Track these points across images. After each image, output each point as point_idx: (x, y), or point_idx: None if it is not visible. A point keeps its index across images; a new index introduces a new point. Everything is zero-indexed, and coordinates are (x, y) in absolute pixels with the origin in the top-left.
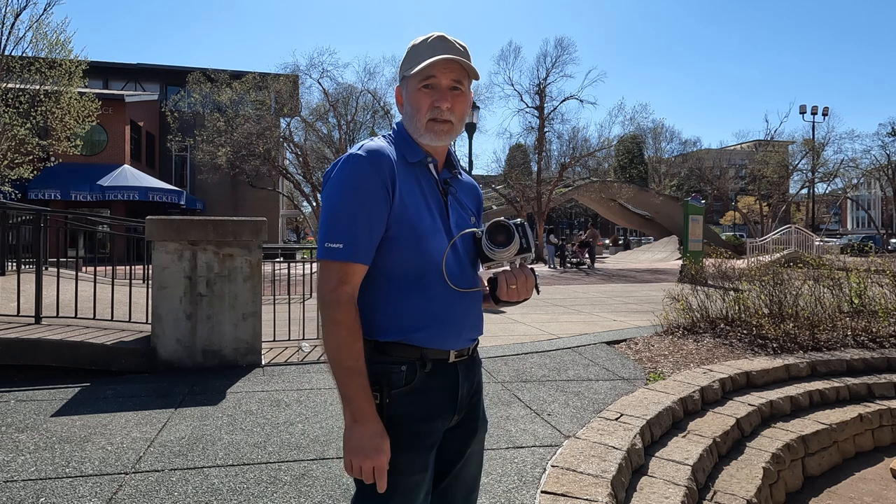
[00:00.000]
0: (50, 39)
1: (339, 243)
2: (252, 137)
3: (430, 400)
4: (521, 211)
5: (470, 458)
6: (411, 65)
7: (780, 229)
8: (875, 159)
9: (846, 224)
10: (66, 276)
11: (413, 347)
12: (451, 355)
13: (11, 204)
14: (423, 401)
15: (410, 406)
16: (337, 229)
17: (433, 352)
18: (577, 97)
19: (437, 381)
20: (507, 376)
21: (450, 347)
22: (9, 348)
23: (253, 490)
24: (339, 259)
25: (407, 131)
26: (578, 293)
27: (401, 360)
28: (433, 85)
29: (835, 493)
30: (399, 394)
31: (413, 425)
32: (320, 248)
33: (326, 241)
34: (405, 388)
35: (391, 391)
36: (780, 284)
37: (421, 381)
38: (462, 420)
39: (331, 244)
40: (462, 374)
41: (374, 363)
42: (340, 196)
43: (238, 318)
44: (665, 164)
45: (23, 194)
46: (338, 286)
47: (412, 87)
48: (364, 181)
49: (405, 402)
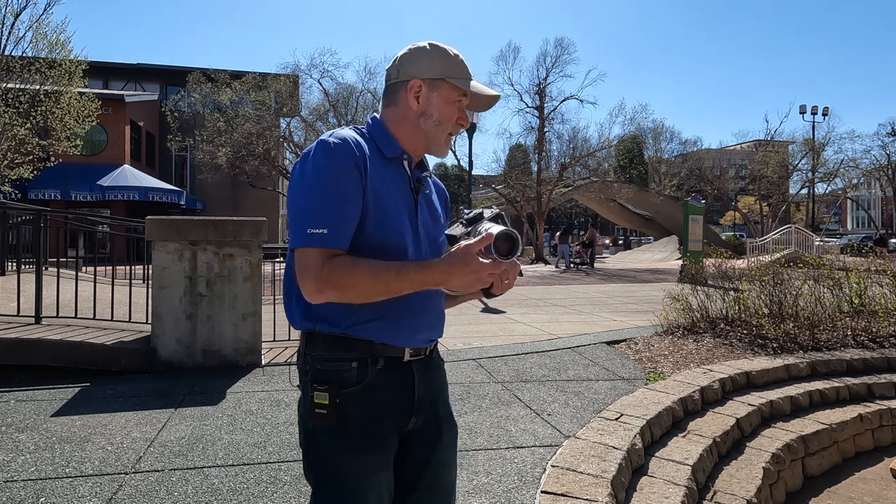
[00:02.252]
0: (50, 39)
1: (322, 228)
2: (252, 137)
3: (385, 400)
4: (521, 211)
5: (442, 465)
6: (452, 72)
7: (780, 229)
8: (875, 159)
9: (846, 224)
10: (66, 276)
11: (363, 341)
12: (405, 353)
13: (11, 204)
14: (377, 400)
15: (364, 405)
16: (318, 215)
17: (385, 348)
18: (577, 97)
19: (391, 380)
20: (507, 376)
21: (403, 344)
22: (9, 348)
23: (253, 490)
24: (323, 245)
25: (389, 128)
26: (578, 293)
27: (350, 355)
28: (463, 104)
29: (835, 493)
30: (351, 393)
31: (367, 426)
32: (299, 234)
33: (308, 228)
34: (357, 386)
35: (342, 390)
36: (780, 284)
37: (374, 378)
38: (423, 424)
39: (313, 230)
40: (418, 375)
41: (323, 360)
42: (319, 182)
43: (238, 318)
44: (665, 164)
45: (23, 194)
46: (323, 268)
47: (446, 96)
48: (342, 166)
49: (358, 401)
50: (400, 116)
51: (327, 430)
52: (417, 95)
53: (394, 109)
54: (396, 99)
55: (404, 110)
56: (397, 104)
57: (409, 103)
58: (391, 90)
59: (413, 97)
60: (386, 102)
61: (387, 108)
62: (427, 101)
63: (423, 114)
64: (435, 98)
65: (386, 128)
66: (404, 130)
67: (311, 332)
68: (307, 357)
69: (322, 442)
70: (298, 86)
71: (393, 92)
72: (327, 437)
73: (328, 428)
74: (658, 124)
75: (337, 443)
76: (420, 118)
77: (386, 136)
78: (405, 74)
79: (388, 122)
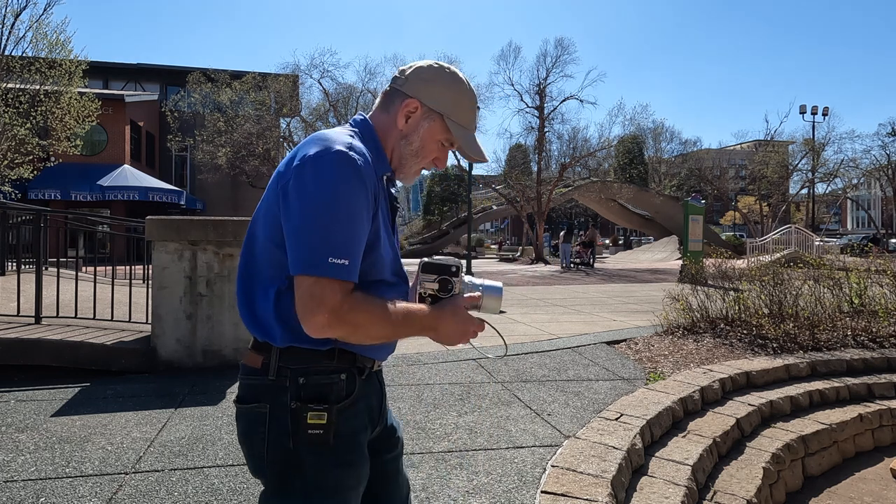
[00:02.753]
0: (50, 39)
1: (344, 259)
2: (252, 137)
3: (365, 411)
4: (521, 210)
5: (400, 471)
6: (455, 115)
7: (780, 229)
8: (875, 159)
9: (846, 224)
10: (66, 276)
11: (349, 354)
12: (375, 363)
13: (11, 204)
14: (360, 412)
15: (352, 419)
16: (343, 243)
17: (364, 359)
18: (577, 97)
19: (368, 389)
20: (507, 376)
21: (380, 359)
22: (9, 348)
23: (253, 490)
24: (346, 279)
25: (382, 142)
26: (578, 293)
27: (341, 367)
28: (447, 148)
29: (835, 493)
30: (342, 408)
31: (355, 437)
32: (318, 260)
33: (330, 256)
34: (347, 401)
35: (335, 406)
36: (780, 284)
37: (359, 389)
38: (381, 432)
39: (335, 259)
40: (382, 382)
41: (309, 373)
42: (345, 205)
43: (238, 318)
44: (665, 164)
45: (23, 194)
46: (342, 304)
47: (435, 131)
48: (363, 192)
49: (347, 415)
50: (387, 127)
51: (314, 449)
52: (408, 116)
53: (385, 117)
54: (390, 107)
55: (393, 122)
56: (389, 113)
57: (398, 119)
58: (392, 95)
59: (403, 115)
60: (382, 105)
61: (381, 111)
62: (415, 126)
63: (405, 136)
64: (424, 128)
65: (377, 138)
66: (388, 143)
67: (303, 349)
68: (285, 371)
69: (307, 461)
70: (298, 86)
71: (391, 96)
72: (314, 457)
73: (317, 447)
74: (658, 124)
75: (325, 460)
76: (402, 139)
77: (379, 151)
78: (410, 89)
79: (379, 130)
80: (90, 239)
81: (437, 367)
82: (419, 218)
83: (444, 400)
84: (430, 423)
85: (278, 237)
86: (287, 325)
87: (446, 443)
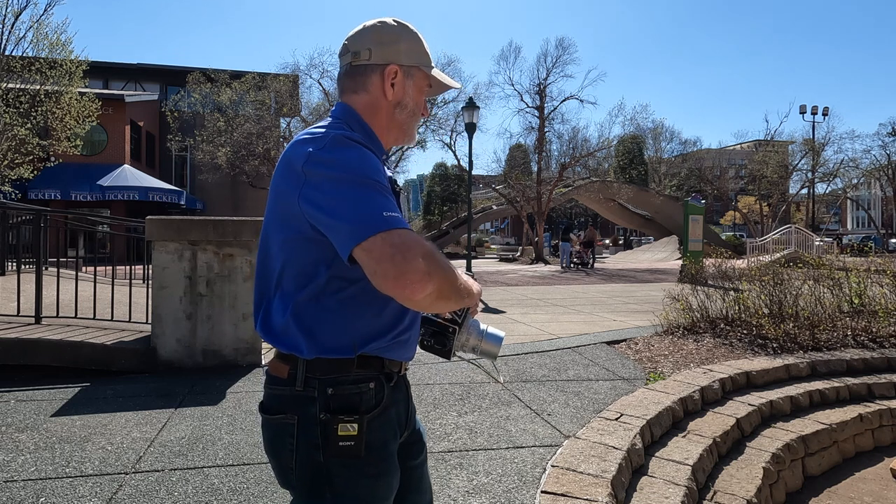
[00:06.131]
0: (50, 39)
1: (395, 213)
2: (252, 137)
3: (394, 417)
4: (521, 210)
5: (424, 476)
6: (424, 60)
7: (780, 229)
8: (875, 159)
9: (846, 224)
10: (66, 276)
11: (376, 359)
12: (402, 367)
13: (11, 204)
14: (390, 420)
15: (382, 428)
16: (382, 204)
17: (391, 363)
18: (577, 97)
19: (397, 396)
20: (507, 376)
21: (407, 359)
22: (9, 348)
23: (253, 490)
24: (407, 227)
25: (370, 125)
26: (578, 293)
27: (369, 374)
28: (427, 93)
29: (835, 493)
30: (372, 417)
31: (386, 447)
32: (373, 219)
33: (385, 211)
34: (376, 410)
35: (365, 416)
36: (780, 284)
37: (388, 397)
38: (408, 437)
39: (390, 213)
40: (408, 385)
41: (337, 383)
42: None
43: (238, 318)
44: (665, 164)
45: (23, 194)
46: (429, 244)
47: (419, 84)
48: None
49: (377, 425)
50: (373, 105)
51: (345, 462)
52: (393, 82)
53: (365, 96)
54: (367, 84)
55: (377, 98)
56: (368, 90)
57: (385, 91)
58: (360, 72)
59: (389, 84)
60: (352, 87)
61: (356, 93)
62: (403, 89)
63: (398, 103)
64: (410, 86)
65: (364, 122)
66: (378, 121)
67: (327, 359)
68: (313, 382)
69: (338, 474)
70: (298, 86)
71: (362, 75)
72: (345, 469)
73: (348, 459)
74: (658, 124)
75: (356, 472)
76: (395, 108)
77: (371, 136)
78: (382, 57)
79: (363, 112)
80: (90, 239)
81: (437, 367)
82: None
83: (444, 400)
84: (430, 422)
85: (306, 229)
86: (312, 337)
87: (446, 443)
